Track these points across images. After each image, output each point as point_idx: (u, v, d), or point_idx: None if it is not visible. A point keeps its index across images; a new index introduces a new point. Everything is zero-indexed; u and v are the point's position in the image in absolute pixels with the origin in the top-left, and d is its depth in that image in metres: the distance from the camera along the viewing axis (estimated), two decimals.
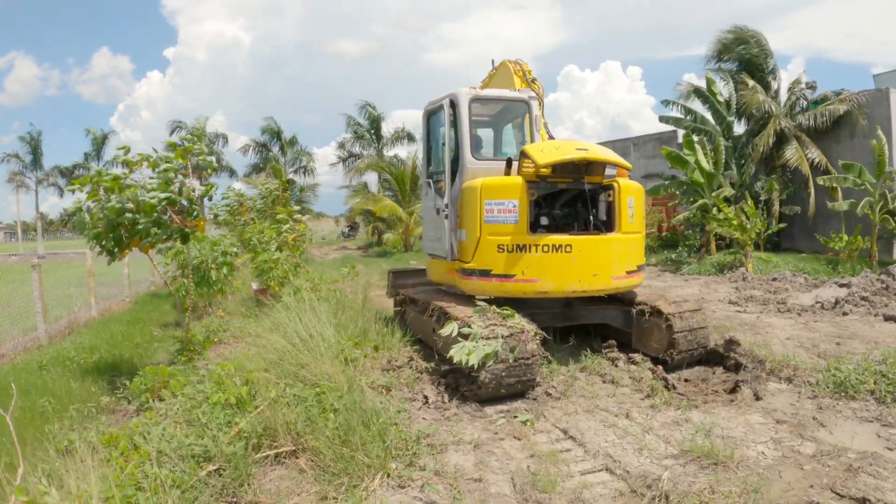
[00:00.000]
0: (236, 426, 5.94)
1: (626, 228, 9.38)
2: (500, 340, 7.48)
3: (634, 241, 9.62)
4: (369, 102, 50.95)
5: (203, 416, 6.11)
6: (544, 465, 5.77)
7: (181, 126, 52.59)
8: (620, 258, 9.31)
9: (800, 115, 27.59)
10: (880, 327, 12.14)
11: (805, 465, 5.63)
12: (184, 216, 8.39)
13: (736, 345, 9.40)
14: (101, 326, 13.40)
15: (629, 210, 9.39)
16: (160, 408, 6.68)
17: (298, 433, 5.93)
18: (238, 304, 15.47)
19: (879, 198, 22.30)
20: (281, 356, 7.77)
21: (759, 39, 28.66)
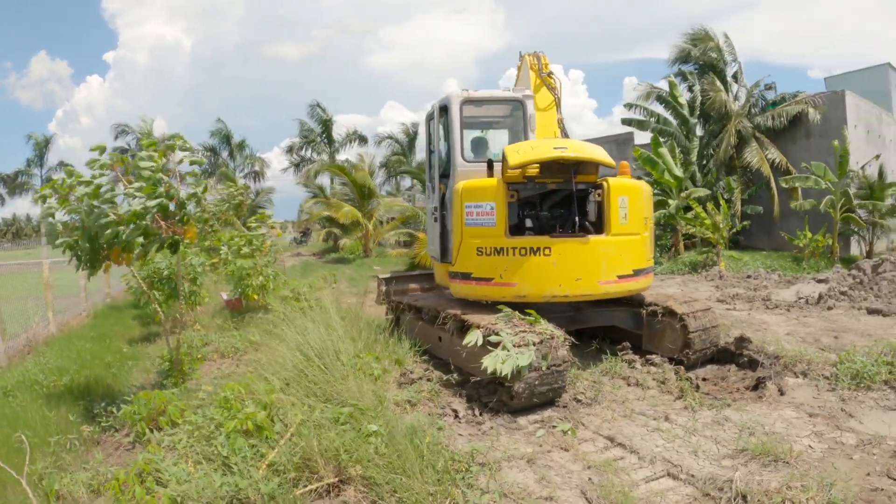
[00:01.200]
0: (265, 458, 5.27)
1: (618, 230, 8.82)
2: (532, 348, 7.07)
3: (631, 244, 9.02)
4: (319, 104, 50.20)
5: (222, 448, 5.38)
6: (606, 475, 5.43)
7: (126, 130, 50.95)
8: (611, 262, 8.76)
9: (758, 117, 28.07)
10: (866, 320, 12.37)
11: (854, 456, 5.70)
12: (172, 222, 7.40)
13: (747, 342, 9.28)
14: (64, 344, 12.25)
15: (621, 210, 8.86)
16: (161, 439, 5.94)
17: (340, 462, 5.28)
18: (209, 317, 14.65)
19: (841, 196, 22.73)
20: (298, 373, 7.18)
21: (717, 42, 29.16)
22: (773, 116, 27.17)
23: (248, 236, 15.34)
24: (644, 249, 9.24)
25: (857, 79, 38.12)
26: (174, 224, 7.37)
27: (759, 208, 27.26)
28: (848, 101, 26.25)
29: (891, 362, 8.18)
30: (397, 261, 28.72)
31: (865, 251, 24.55)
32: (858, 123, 27.12)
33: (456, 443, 6.16)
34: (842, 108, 25.94)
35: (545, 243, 8.60)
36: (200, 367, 9.38)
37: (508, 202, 8.82)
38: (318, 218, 36.63)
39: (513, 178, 8.80)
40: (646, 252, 9.31)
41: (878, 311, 12.96)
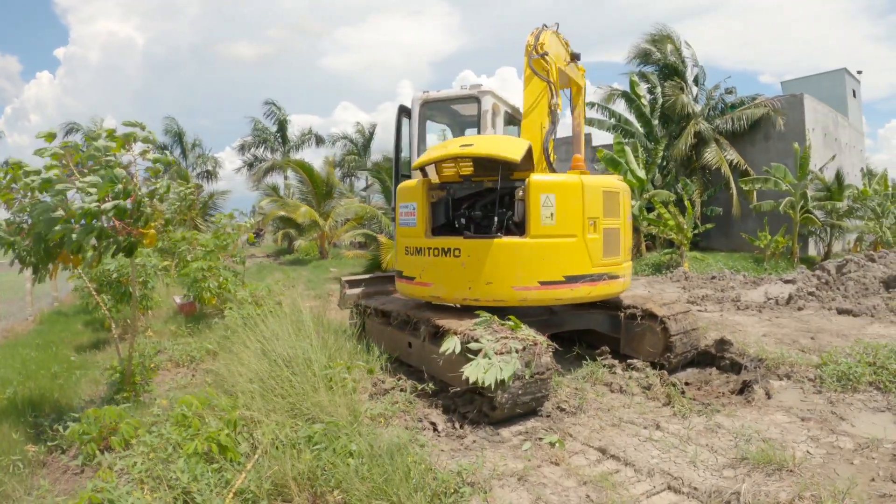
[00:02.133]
0: (231, 485, 4.73)
1: (539, 231, 8.08)
2: (515, 355, 6.65)
3: (560, 247, 8.20)
4: (274, 102, 49.14)
5: (182, 473, 4.84)
6: (604, 491, 5.08)
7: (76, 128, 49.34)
8: (529, 266, 8.07)
9: (717, 119, 28.32)
10: (837, 320, 12.37)
11: (854, 461, 5.63)
12: (130, 223, 6.56)
13: (728, 345, 9.21)
14: (7, 352, 11.36)
15: (544, 210, 8.08)
16: (113, 462, 5.34)
17: (317, 487, 4.77)
18: (162, 322, 13.89)
19: (800, 197, 22.94)
20: (264, 385, 6.59)
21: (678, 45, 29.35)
22: (733, 119, 27.54)
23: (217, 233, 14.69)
24: (584, 254, 8.28)
25: (813, 83, 38.98)
26: (131, 225, 6.66)
27: (719, 209, 27.50)
28: (806, 104, 26.81)
29: (873, 363, 8.18)
30: (354, 262, 28.20)
31: (824, 252, 24.87)
32: (816, 127, 27.61)
33: (439, 460, 5.71)
34: (800, 112, 26.42)
35: (455, 244, 8.40)
36: (154, 378, 8.72)
37: (430, 202, 8.81)
38: (273, 218, 35.76)
39: (448, 177, 8.67)
40: (588, 257, 8.32)
41: (848, 311, 13.02)
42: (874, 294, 14.42)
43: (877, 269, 16.28)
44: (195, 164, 51.08)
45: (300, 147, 50.62)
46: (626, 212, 9.16)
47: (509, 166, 8.08)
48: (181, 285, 14.83)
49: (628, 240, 9.37)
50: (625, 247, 9.07)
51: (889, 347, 8.77)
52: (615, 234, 8.73)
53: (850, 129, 34.37)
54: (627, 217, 9.27)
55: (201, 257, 13.72)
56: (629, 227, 9.43)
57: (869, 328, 11.42)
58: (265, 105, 49.14)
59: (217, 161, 53.34)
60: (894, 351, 8.54)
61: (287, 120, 49.62)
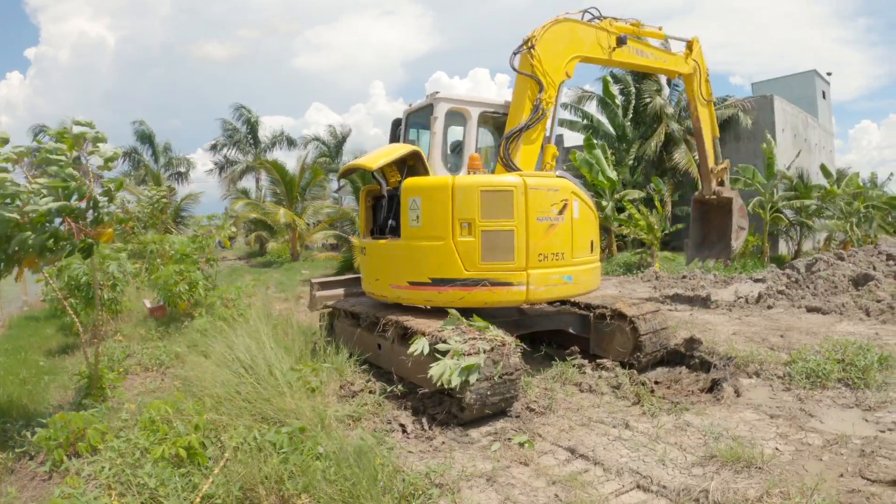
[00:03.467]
0: (199, 490, 4.69)
1: (408, 234, 8.31)
2: (482, 356, 6.63)
3: (423, 250, 8.18)
4: (244, 105, 48.94)
5: (149, 478, 4.79)
6: (573, 491, 5.08)
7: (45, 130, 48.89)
8: (400, 267, 8.40)
9: (689, 120, 28.47)
10: (807, 318, 12.49)
11: (822, 457, 5.66)
12: (85, 224, 6.42)
13: (698, 343, 9.25)
14: None
15: (411, 213, 8.26)
16: (81, 468, 5.32)
17: (285, 491, 4.72)
18: (132, 326, 13.69)
19: (769, 197, 23.14)
20: (230, 389, 6.52)
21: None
22: None
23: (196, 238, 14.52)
24: (453, 257, 7.98)
25: (784, 84, 39.41)
26: (87, 226, 6.53)
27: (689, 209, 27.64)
28: (776, 105, 27.17)
29: (842, 360, 8.24)
30: (326, 264, 28.05)
31: (794, 250, 25.07)
32: (786, 127, 27.92)
33: (408, 461, 5.69)
34: (770, 112, 26.73)
35: (365, 244, 9.38)
36: (122, 382, 8.61)
37: (368, 206, 9.68)
38: (245, 220, 35.47)
39: (394, 183, 8.91)
40: (459, 261, 7.98)
41: (817, 309, 13.15)
42: (843, 292, 14.55)
43: (846, 267, 16.46)
44: (167, 166, 50.55)
45: (272, 148, 50.38)
46: (532, 211, 8.13)
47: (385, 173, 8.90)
48: (152, 288, 14.63)
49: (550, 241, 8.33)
50: (531, 250, 8.13)
51: (857, 344, 8.85)
52: (504, 237, 8.04)
53: (819, 129, 34.82)
54: (541, 217, 8.22)
55: (175, 260, 13.55)
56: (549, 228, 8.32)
57: (838, 326, 11.53)
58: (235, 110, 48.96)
59: (189, 163, 52.84)
60: (863, 348, 8.63)
61: (258, 121, 49.40)
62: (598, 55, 10.23)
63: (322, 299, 11.00)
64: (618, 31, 10.42)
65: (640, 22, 11.32)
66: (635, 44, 11.07)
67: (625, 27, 10.80)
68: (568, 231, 8.43)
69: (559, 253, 8.35)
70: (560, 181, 8.55)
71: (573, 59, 9.66)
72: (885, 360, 8.26)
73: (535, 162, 9.03)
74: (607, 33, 10.22)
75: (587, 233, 8.86)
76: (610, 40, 10.26)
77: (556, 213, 8.28)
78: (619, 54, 10.48)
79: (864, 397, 7.21)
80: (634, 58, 11.05)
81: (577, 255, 8.58)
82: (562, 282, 8.39)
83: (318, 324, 10.94)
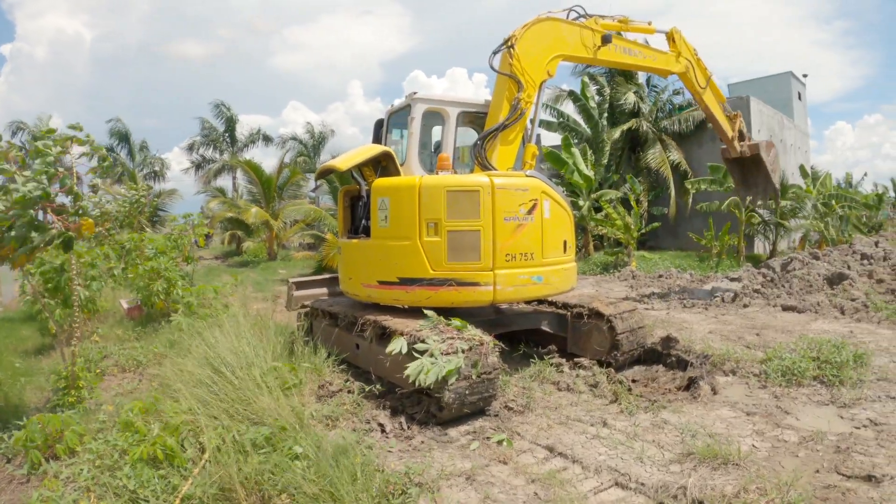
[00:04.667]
0: (178, 491, 4.65)
1: (377, 233, 8.43)
2: (461, 355, 6.64)
3: (391, 250, 8.25)
4: (223, 102, 48.77)
5: (128, 480, 4.77)
6: (552, 489, 5.11)
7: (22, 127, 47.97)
8: (370, 266, 8.54)
9: (664, 120, 28.68)
10: (782, 317, 12.64)
11: (799, 453, 5.73)
12: (66, 216, 6.44)
13: (674, 342, 9.32)
14: None
15: (380, 213, 8.36)
16: (59, 471, 5.27)
17: (264, 491, 4.71)
18: (109, 327, 13.54)
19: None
20: (208, 390, 6.47)
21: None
22: (680, 120, 27.91)
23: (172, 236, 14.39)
24: (420, 257, 8.01)
25: (759, 86, 39.66)
26: (67, 219, 6.49)
27: (665, 209, 27.83)
28: (752, 106, 27.41)
29: (817, 358, 8.36)
30: (303, 264, 27.89)
31: (769, 250, 25.28)
32: (762, 128, 28.13)
33: (387, 461, 5.67)
34: (746, 113, 26.87)
35: (341, 244, 9.56)
36: (100, 383, 8.53)
37: (346, 206, 9.77)
38: (221, 220, 35.15)
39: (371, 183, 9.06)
40: (425, 260, 7.99)
41: (792, 307, 13.31)
42: (818, 291, 14.71)
43: (821, 266, 16.62)
44: (143, 165, 50.13)
45: (249, 147, 50.18)
46: (499, 211, 8.09)
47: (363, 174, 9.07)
48: (129, 288, 14.50)
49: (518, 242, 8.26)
50: (498, 250, 8.09)
51: (832, 342, 8.97)
52: (470, 237, 8.03)
53: (795, 130, 35.10)
54: (509, 217, 8.16)
55: (152, 258, 13.42)
56: (517, 228, 8.24)
57: (813, 324, 11.67)
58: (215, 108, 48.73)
59: (164, 162, 52.43)
60: (837, 346, 8.75)
61: (235, 119, 49.17)
62: (583, 54, 10.25)
63: (299, 299, 10.97)
64: (603, 28, 10.43)
65: (627, 18, 11.35)
66: (622, 42, 11.11)
67: (611, 24, 10.83)
68: (537, 231, 8.40)
69: (528, 253, 8.31)
70: (529, 181, 8.49)
71: (555, 58, 9.65)
72: (859, 357, 8.37)
73: (513, 161, 8.99)
74: (592, 32, 10.21)
75: (559, 233, 8.79)
76: (595, 39, 10.26)
77: (524, 213, 8.24)
78: (604, 53, 10.49)
79: (840, 394, 7.33)
80: (621, 56, 11.08)
81: (547, 255, 8.52)
82: (531, 282, 8.34)
83: (295, 323, 10.89)
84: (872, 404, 7.03)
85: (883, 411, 6.77)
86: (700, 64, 13.15)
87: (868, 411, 6.79)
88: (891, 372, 8.20)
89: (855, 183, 46.48)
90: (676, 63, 12.50)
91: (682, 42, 12.73)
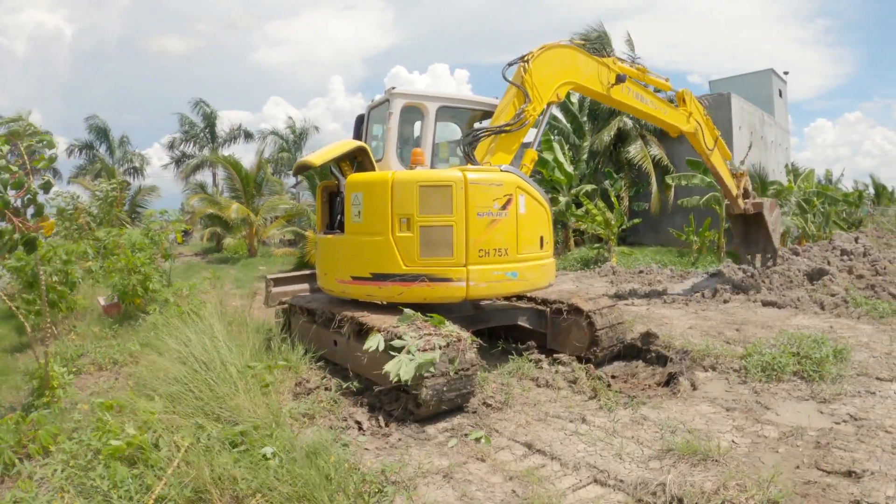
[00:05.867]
0: (151, 491, 4.56)
1: (351, 229, 8.46)
2: (438, 351, 6.58)
3: (364, 245, 8.23)
4: (203, 99, 48.44)
5: (101, 480, 4.69)
6: (530, 486, 5.06)
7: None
8: (344, 261, 8.55)
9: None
10: (762, 312, 12.70)
11: (779, 449, 5.74)
12: (25, 217, 6.20)
13: (654, 338, 9.37)
14: None
15: (353, 208, 8.35)
16: (33, 471, 5.18)
17: (238, 491, 4.61)
18: (87, 324, 13.36)
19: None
20: (183, 388, 6.37)
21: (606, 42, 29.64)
22: None
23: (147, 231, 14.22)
24: (392, 253, 7.98)
25: (740, 83, 39.91)
26: (27, 220, 6.36)
27: (646, 205, 27.93)
28: (733, 103, 27.60)
29: (797, 353, 8.38)
30: (283, 260, 27.70)
31: None
32: (742, 125, 28.30)
33: (364, 459, 5.61)
34: (727, 110, 27.06)
35: (318, 240, 9.61)
36: (75, 382, 8.40)
37: (324, 201, 9.79)
38: (201, 216, 34.88)
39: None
40: (397, 256, 7.97)
41: (772, 303, 13.36)
42: (798, 286, 14.80)
43: (801, 262, 16.76)
44: (122, 161, 49.74)
45: (229, 143, 49.94)
46: (472, 206, 8.04)
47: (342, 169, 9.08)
48: (106, 286, 14.32)
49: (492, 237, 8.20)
50: (471, 246, 8.04)
51: (812, 338, 9.03)
52: (442, 233, 8.00)
53: (776, 127, 35.35)
54: (482, 213, 8.10)
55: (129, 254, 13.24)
56: (490, 224, 8.17)
57: (793, 319, 11.73)
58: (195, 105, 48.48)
59: (144, 158, 52.06)
60: (817, 341, 8.80)
61: (216, 115, 48.92)
62: (596, 88, 10.48)
63: (277, 295, 10.90)
64: (619, 70, 10.64)
65: (645, 68, 11.66)
66: (635, 87, 11.34)
67: (627, 69, 11.11)
68: (512, 226, 8.34)
69: (502, 249, 8.26)
70: (504, 176, 8.44)
71: (566, 83, 9.93)
72: (839, 352, 8.42)
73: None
74: (608, 69, 10.44)
75: (535, 228, 8.75)
76: (610, 77, 10.51)
77: (498, 209, 8.18)
78: (616, 92, 10.74)
79: (819, 390, 7.34)
80: (633, 100, 11.31)
81: (522, 250, 8.45)
82: (505, 278, 8.29)
83: (274, 320, 10.81)
84: (852, 399, 7.05)
85: (863, 406, 6.79)
86: (709, 124, 13.47)
87: (848, 406, 6.80)
88: (870, 367, 8.23)
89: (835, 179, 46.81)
90: (687, 123, 12.77)
91: (692, 102, 13.05)
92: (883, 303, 12.51)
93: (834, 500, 4.69)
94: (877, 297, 13.06)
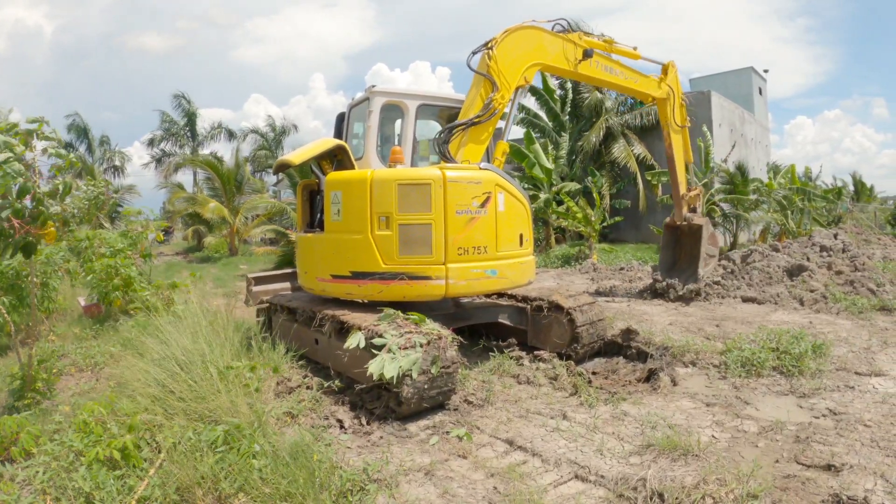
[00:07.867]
0: (134, 492, 4.55)
1: (330, 227, 8.48)
2: (419, 350, 6.60)
3: (343, 243, 8.26)
4: (184, 95, 48.25)
5: (84, 481, 4.65)
6: (511, 483, 5.07)
7: None
8: (323, 260, 8.58)
9: (627, 115, 28.88)
10: (742, 308, 12.81)
11: (758, 444, 5.79)
12: (28, 222, 6.24)
13: (634, 334, 9.42)
14: None
15: (333, 206, 8.37)
16: (15, 473, 5.13)
17: (221, 491, 4.60)
18: (66, 325, 13.24)
19: (706, 190, 23.63)
20: (165, 389, 6.35)
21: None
22: (642, 114, 28.11)
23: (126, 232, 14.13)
24: (371, 251, 8.00)
25: (721, 81, 40.17)
26: (29, 223, 6.31)
27: (628, 202, 28.08)
28: (713, 101, 27.77)
29: (777, 349, 8.46)
30: (265, 259, 27.63)
31: (730, 242, 25.58)
32: (723, 122, 28.50)
33: (345, 457, 5.63)
34: (707, 108, 27.22)
35: (298, 238, 9.62)
36: (57, 383, 8.36)
37: (305, 200, 9.74)
38: (182, 215, 34.70)
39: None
40: (377, 254, 7.99)
41: (752, 299, 13.50)
42: (778, 282, 14.88)
43: (780, 258, 16.82)
44: (102, 160, 49.35)
45: (210, 141, 49.68)
46: (451, 204, 8.05)
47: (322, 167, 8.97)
48: (86, 286, 14.23)
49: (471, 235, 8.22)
50: (450, 244, 8.05)
51: (792, 333, 9.11)
52: (421, 231, 8.02)
53: (756, 125, 35.62)
54: (461, 211, 8.12)
55: (108, 255, 13.15)
56: (469, 222, 8.19)
57: (773, 315, 11.83)
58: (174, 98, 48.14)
59: (124, 156, 51.68)
60: (797, 336, 8.88)
61: (196, 113, 48.59)
62: (563, 66, 10.34)
63: (259, 294, 10.86)
64: (586, 45, 10.54)
65: (612, 40, 11.52)
66: (604, 60, 11.21)
67: (595, 42, 10.99)
68: (491, 224, 8.37)
69: (481, 247, 8.28)
70: (483, 173, 8.45)
71: (533, 65, 9.79)
72: (818, 348, 8.49)
73: (480, 158, 8.99)
74: (574, 45, 10.34)
75: (515, 226, 8.76)
76: (577, 53, 10.39)
77: (477, 206, 8.20)
78: (584, 67, 10.62)
79: (799, 384, 7.41)
80: (602, 73, 11.19)
81: (502, 248, 8.48)
82: (484, 276, 8.31)
83: (255, 319, 10.78)
84: (831, 394, 7.12)
85: (842, 401, 6.86)
86: (682, 104, 13.24)
87: (827, 401, 6.86)
88: (849, 362, 8.32)
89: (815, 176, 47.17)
90: (658, 88, 12.62)
91: (673, 76, 13.01)
92: (862, 298, 12.61)
93: (813, 494, 4.72)
94: (856, 293, 13.15)
